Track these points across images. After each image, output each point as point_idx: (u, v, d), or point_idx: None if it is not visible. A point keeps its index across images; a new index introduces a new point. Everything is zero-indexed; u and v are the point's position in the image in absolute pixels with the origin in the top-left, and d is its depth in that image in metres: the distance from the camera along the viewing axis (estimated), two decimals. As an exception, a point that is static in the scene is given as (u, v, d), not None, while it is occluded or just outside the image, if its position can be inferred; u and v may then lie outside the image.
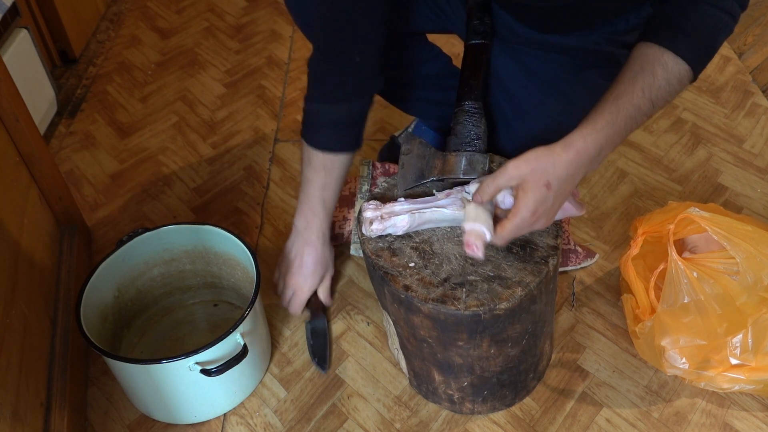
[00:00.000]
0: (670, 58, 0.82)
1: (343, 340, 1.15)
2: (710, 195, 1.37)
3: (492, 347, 0.92)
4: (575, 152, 0.80)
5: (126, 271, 1.08)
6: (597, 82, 1.00)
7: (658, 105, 0.83)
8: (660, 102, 0.83)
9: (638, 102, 0.82)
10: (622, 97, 0.82)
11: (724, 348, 0.99)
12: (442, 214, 0.92)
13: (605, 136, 0.81)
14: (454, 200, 0.93)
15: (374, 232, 0.93)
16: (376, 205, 0.95)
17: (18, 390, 0.87)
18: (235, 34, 1.87)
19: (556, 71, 1.05)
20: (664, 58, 0.82)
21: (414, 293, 0.86)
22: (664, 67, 0.82)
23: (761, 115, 1.56)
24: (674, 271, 0.96)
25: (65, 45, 1.73)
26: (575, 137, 0.81)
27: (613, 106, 0.82)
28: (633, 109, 0.82)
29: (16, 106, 1.04)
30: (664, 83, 0.82)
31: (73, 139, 1.55)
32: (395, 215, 0.92)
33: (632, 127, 0.83)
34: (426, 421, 1.04)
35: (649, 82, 0.82)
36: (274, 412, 1.06)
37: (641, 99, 0.82)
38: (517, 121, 1.06)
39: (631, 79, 0.83)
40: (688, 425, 1.02)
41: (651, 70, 0.82)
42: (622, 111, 0.81)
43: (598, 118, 0.81)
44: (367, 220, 0.93)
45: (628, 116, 0.82)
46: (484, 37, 1.05)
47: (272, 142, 1.53)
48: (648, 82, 0.82)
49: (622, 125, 0.82)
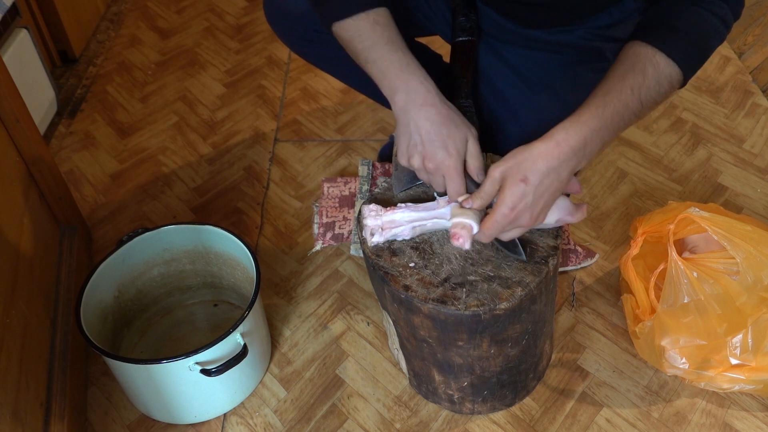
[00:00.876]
0: (661, 58, 0.82)
1: (343, 340, 1.15)
2: (710, 195, 1.37)
3: (492, 347, 0.92)
4: (555, 144, 0.79)
5: (126, 271, 1.08)
6: (586, 76, 1.00)
7: (647, 105, 0.82)
8: (649, 102, 0.82)
9: (626, 99, 0.81)
10: (611, 93, 0.81)
11: (724, 348, 0.99)
12: (444, 225, 0.91)
13: (590, 128, 0.80)
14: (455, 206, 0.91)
15: (374, 242, 0.92)
16: (377, 210, 0.93)
17: (18, 390, 0.87)
18: (235, 34, 1.87)
19: (544, 68, 1.05)
20: (655, 58, 0.82)
21: (414, 293, 0.86)
22: (655, 67, 0.81)
23: (761, 115, 1.56)
24: (674, 271, 0.96)
25: (65, 45, 1.73)
26: (556, 129, 0.80)
27: (600, 101, 0.81)
28: (621, 106, 0.81)
29: (16, 106, 1.04)
30: (654, 83, 0.82)
31: (73, 139, 1.55)
32: (396, 226, 0.91)
33: (620, 124, 0.82)
34: (426, 421, 1.04)
35: (639, 81, 0.81)
36: (274, 412, 1.06)
37: (630, 97, 0.81)
38: (509, 121, 1.06)
39: (621, 76, 0.82)
40: (688, 425, 1.02)
41: (642, 70, 0.81)
42: (609, 106, 0.80)
43: (583, 112, 0.81)
44: (368, 229, 0.92)
45: (615, 112, 0.81)
46: (470, 33, 1.05)
47: (272, 142, 1.53)
48: (638, 81, 0.81)
49: (609, 120, 0.81)
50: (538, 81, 1.05)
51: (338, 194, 1.36)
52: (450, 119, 0.87)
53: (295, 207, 1.37)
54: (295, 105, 1.62)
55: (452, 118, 0.87)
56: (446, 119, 0.86)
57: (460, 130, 0.87)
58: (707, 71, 1.68)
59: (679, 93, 1.62)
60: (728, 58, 1.73)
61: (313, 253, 1.28)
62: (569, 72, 1.04)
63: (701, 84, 1.65)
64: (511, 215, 0.81)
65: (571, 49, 1.04)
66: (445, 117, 0.86)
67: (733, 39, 1.79)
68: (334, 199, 1.35)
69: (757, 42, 1.78)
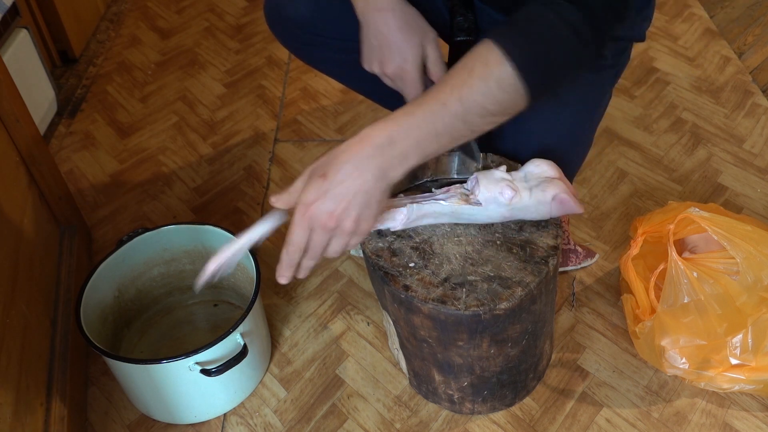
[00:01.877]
0: (494, 56, 0.75)
1: (343, 340, 1.15)
2: (710, 195, 1.37)
3: (492, 347, 0.92)
4: (358, 139, 0.77)
5: (126, 271, 1.08)
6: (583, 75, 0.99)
7: (472, 109, 0.75)
8: (472, 105, 0.75)
9: (444, 98, 0.76)
10: (430, 92, 0.77)
11: (724, 348, 0.99)
12: (442, 206, 0.90)
13: (398, 125, 0.76)
14: (454, 194, 0.91)
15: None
16: None
17: (18, 390, 0.87)
18: (235, 34, 1.87)
19: None
20: (489, 55, 0.75)
21: (414, 293, 0.86)
22: (484, 65, 0.75)
23: (761, 115, 1.56)
24: (674, 271, 0.96)
25: (65, 45, 1.73)
26: (367, 126, 0.78)
27: (418, 100, 0.77)
28: (437, 105, 0.76)
29: (16, 106, 1.04)
30: (479, 83, 0.75)
31: (73, 139, 1.55)
32: (392, 208, 0.90)
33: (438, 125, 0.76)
34: (426, 421, 1.04)
35: (462, 79, 0.75)
36: (274, 412, 1.06)
37: (448, 95, 0.76)
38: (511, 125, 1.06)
39: (448, 74, 0.78)
40: (688, 425, 1.02)
41: (469, 67, 0.76)
42: (423, 104, 0.76)
43: (398, 110, 0.77)
44: None
45: (429, 111, 0.76)
46: (468, 33, 1.04)
47: (272, 142, 1.53)
48: (460, 79, 0.76)
49: (422, 119, 0.76)
50: None
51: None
52: (406, 23, 0.87)
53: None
54: (295, 105, 1.62)
55: (408, 22, 0.87)
56: (402, 24, 0.87)
57: (415, 34, 0.87)
58: (707, 71, 1.68)
59: (679, 93, 1.62)
60: (728, 58, 1.73)
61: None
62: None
63: (701, 84, 1.65)
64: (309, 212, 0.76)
65: None
66: (401, 21, 0.87)
67: (733, 39, 1.79)
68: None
69: (757, 42, 1.78)
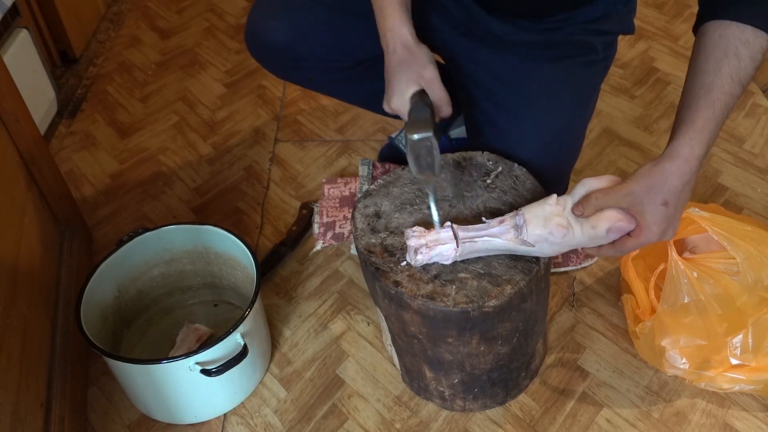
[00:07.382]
0: (749, 33, 0.79)
1: (343, 340, 1.15)
2: (710, 195, 1.37)
3: (481, 344, 0.92)
4: (684, 160, 0.79)
5: (126, 271, 1.09)
6: (576, 71, 1.01)
7: (746, 84, 0.81)
8: (747, 80, 0.81)
9: (729, 89, 0.80)
10: (713, 89, 0.80)
11: (725, 348, 0.99)
12: (494, 244, 0.87)
13: (708, 133, 0.80)
14: (507, 228, 0.87)
15: (419, 262, 0.88)
16: (420, 231, 0.88)
17: (18, 390, 0.87)
18: (236, 34, 1.87)
19: (534, 66, 1.05)
20: (744, 35, 0.79)
21: (404, 289, 0.87)
22: (746, 45, 0.79)
23: (761, 115, 1.56)
24: (674, 271, 0.96)
25: (65, 45, 1.73)
26: (679, 144, 0.80)
27: (707, 101, 0.80)
28: (727, 98, 0.80)
29: (16, 106, 1.04)
30: (749, 62, 0.80)
31: (73, 139, 1.55)
32: (441, 244, 0.87)
33: (728, 115, 0.81)
34: (426, 421, 1.04)
35: (735, 65, 0.79)
36: (274, 412, 1.06)
37: (732, 85, 0.80)
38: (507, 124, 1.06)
39: (715, 66, 0.80)
40: (688, 425, 1.02)
41: (735, 53, 0.79)
42: (717, 103, 0.80)
43: (696, 118, 0.80)
44: (412, 248, 0.87)
45: (724, 106, 0.80)
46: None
47: (272, 142, 1.53)
48: (734, 66, 0.79)
49: (720, 117, 0.80)
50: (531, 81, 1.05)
51: (338, 194, 1.36)
52: (400, 64, 0.91)
53: (296, 207, 1.37)
54: (295, 105, 1.62)
55: (401, 62, 0.91)
56: (399, 63, 0.91)
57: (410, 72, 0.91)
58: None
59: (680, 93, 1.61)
60: (728, 58, 1.72)
61: (314, 253, 1.28)
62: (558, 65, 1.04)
63: (701, 84, 1.65)
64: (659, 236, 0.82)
65: (561, 45, 1.05)
66: (400, 59, 0.91)
67: (734, 39, 1.79)
68: (334, 200, 1.35)
69: (758, 42, 1.78)
